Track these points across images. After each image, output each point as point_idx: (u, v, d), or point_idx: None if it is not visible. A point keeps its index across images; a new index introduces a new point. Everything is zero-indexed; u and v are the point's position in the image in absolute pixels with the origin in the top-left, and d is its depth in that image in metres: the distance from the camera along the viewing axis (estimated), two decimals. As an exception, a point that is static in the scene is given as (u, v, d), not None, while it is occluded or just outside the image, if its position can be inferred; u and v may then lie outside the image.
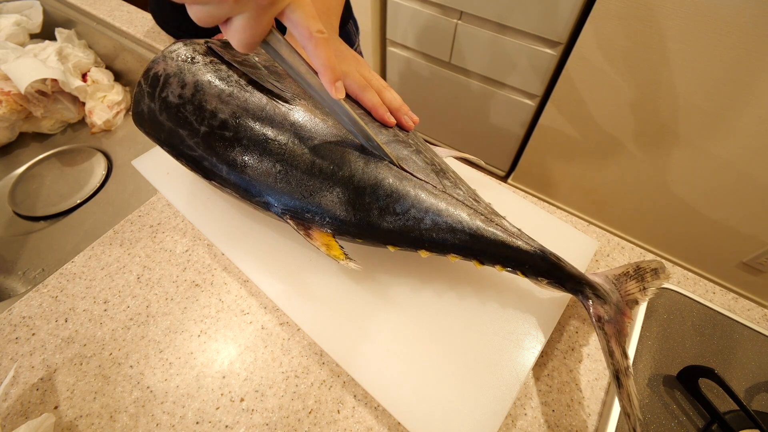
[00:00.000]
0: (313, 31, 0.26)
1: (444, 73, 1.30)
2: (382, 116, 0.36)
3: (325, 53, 0.27)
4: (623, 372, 0.30)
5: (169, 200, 0.45)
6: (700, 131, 0.95)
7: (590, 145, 1.16)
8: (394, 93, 0.38)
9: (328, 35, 0.27)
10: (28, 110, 0.67)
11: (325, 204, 0.33)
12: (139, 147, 0.67)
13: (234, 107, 0.33)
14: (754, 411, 0.32)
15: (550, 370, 0.36)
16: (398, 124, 0.38)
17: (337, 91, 0.28)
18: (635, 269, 0.35)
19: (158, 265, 0.43)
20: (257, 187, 0.33)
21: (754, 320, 0.39)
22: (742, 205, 1.00)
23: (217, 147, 0.33)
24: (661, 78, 0.92)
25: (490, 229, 0.32)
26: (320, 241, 0.33)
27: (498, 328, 0.35)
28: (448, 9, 1.14)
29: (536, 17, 1.00)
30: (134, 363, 0.37)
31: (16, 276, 0.55)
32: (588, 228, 0.46)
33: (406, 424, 0.31)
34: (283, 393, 0.35)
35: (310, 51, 0.27)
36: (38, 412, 0.34)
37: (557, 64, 1.07)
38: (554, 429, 0.33)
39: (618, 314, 0.32)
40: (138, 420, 0.34)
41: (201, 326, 0.39)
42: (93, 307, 0.40)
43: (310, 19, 0.26)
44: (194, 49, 0.35)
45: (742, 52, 0.80)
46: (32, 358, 0.37)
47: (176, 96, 0.34)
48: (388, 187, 0.32)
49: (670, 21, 0.84)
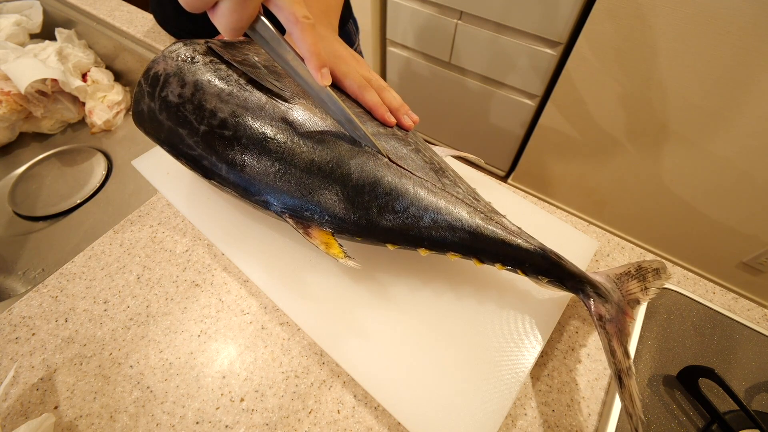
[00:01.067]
0: (299, 16, 0.26)
1: (444, 73, 1.30)
2: (382, 116, 0.36)
3: (311, 39, 0.27)
4: (625, 372, 0.30)
5: (169, 200, 0.45)
6: (700, 131, 0.95)
7: (590, 145, 1.16)
8: (394, 93, 0.38)
9: (314, 21, 0.27)
10: (28, 110, 0.67)
11: (324, 202, 0.33)
12: (139, 147, 0.67)
13: (233, 106, 0.33)
14: (754, 411, 0.31)
15: (550, 370, 0.36)
16: (398, 124, 0.38)
17: (323, 77, 0.28)
18: (637, 269, 0.35)
19: (158, 265, 0.43)
20: (256, 186, 0.33)
21: (754, 320, 0.39)
22: (742, 205, 1.00)
23: (217, 146, 0.33)
24: (661, 78, 0.92)
25: (490, 227, 0.32)
26: (319, 240, 0.33)
27: (498, 328, 0.35)
28: (448, 9, 1.14)
29: (536, 17, 1.00)
30: (134, 363, 0.37)
31: (16, 276, 0.55)
32: (588, 228, 0.46)
33: (406, 424, 0.31)
34: (283, 393, 0.35)
35: (296, 36, 0.27)
36: (38, 412, 0.34)
37: (557, 64, 1.07)
38: (554, 429, 0.33)
39: (619, 313, 0.32)
40: (138, 420, 0.34)
41: (201, 326, 0.39)
42: (93, 307, 0.40)
43: (295, 4, 0.26)
44: (194, 49, 0.35)
45: (742, 51, 0.80)
46: (32, 358, 0.37)
47: (176, 95, 0.34)
48: (387, 185, 0.32)
49: (670, 21, 0.84)
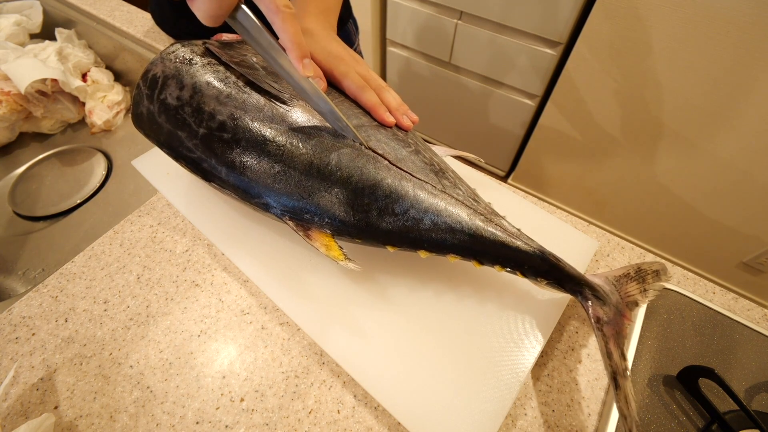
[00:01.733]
0: (280, 5, 0.26)
1: (444, 72, 1.30)
2: (381, 116, 0.36)
3: (292, 28, 0.26)
4: (621, 373, 0.30)
5: (169, 200, 0.45)
6: (700, 131, 0.95)
7: (590, 145, 1.16)
8: (393, 93, 0.38)
9: (295, 11, 0.27)
10: (28, 110, 0.67)
11: (324, 205, 0.33)
12: (139, 147, 0.67)
13: (232, 108, 0.33)
14: (754, 411, 0.31)
15: (550, 371, 0.36)
16: (397, 124, 0.38)
17: (304, 67, 0.28)
18: (636, 270, 0.35)
19: (158, 265, 0.43)
20: (256, 189, 0.33)
21: (754, 320, 0.39)
22: (742, 205, 1.00)
23: (216, 149, 0.33)
24: (661, 78, 0.92)
25: (490, 229, 0.32)
26: (319, 242, 0.33)
27: (498, 329, 0.35)
28: (448, 9, 1.14)
29: (536, 17, 1.00)
30: (134, 363, 0.37)
31: (16, 276, 0.55)
32: (588, 228, 0.46)
33: (406, 424, 0.31)
34: (283, 393, 0.35)
35: (276, 26, 0.27)
36: (38, 412, 0.34)
37: (557, 64, 1.07)
38: (554, 429, 0.34)
39: (617, 316, 0.32)
40: (138, 420, 0.34)
41: (201, 326, 0.39)
42: (93, 307, 0.40)
43: None
44: (192, 50, 0.35)
45: (742, 51, 0.80)
46: (32, 358, 0.37)
47: (174, 98, 0.34)
48: (386, 187, 0.32)
49: (670, 21, 0.84)
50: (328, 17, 0.44)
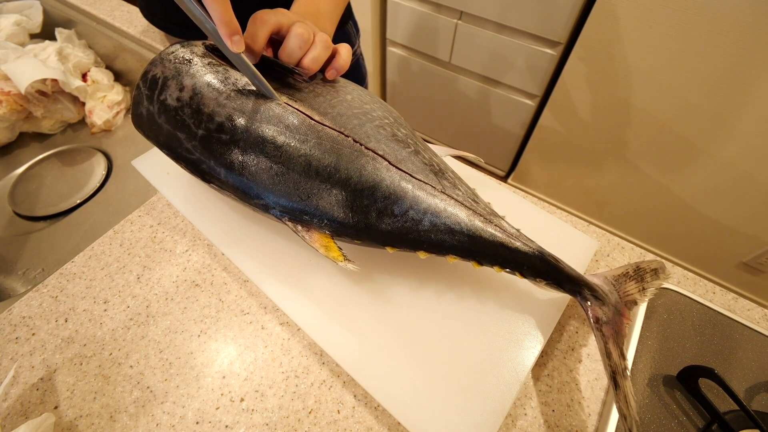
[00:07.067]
0: None
1: (444, 73, 1.30)
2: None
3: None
4: (620, 373, 0.30)
5: (169, 200, 0.45)
6: (700, 131, 0.95)
7: (590, 145, 1.16)
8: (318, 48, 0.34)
9: None
10: (28, 110, 0.67)
11: (323, 206, 0.33)
12: (139, 147, 0.67)
13: (231, 110, 0.33)
14: (754, 411, 0.32)
15: (550, 371, 0.36)
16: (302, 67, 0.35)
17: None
18: (635, 269, 0.35)
19: (158, 265, 0.43)
20: (255, 190, 0.33)
21: (754, 320, 0.39)
22: (742, 205, 1.00)
23: (215, 150, 0.33)
24: (661, 78, 0.92)
25: (489, 229, 0.32)
26: (319, 243, 0.33)
27: (498, 329, 0.35)
28: (448, 9, 1.14)
29: (536, 17, 1.00)
30: (134, 363, 0.37)
31: (16, 276, 0.55)
32: (588, 228, 0.46)
33: (406, 424, 0.31)
34: (283, 393, 0.35)
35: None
36: (38, 412, 0.34)
37: (557, 64, 1.07)
38: (554, 429, 0.34)
39: (616, 315, 0.32)
40: (138, 420, 0.34)
41: (201, 326, 0.39)
42: (93, 307, 0.40)
43: None
44: (192, 50, 0.35)
45: (742, 51, 0.80)
46: (32, 358, 0.37)
47: (174, 99, 0.34)
48: (386, 188, 0.32)
49: (670, 21, 0.84)
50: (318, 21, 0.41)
